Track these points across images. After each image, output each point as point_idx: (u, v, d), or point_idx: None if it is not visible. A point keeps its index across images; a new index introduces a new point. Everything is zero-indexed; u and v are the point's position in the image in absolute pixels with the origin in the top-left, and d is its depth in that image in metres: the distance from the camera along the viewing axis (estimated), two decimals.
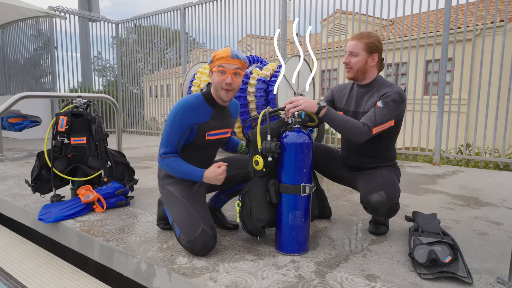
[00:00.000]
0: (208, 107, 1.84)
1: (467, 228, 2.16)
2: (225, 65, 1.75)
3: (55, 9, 7.49)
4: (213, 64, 1.78)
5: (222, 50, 1.77)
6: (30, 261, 2.12)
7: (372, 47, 1.91)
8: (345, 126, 1.79)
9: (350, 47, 1.95)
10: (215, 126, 1.87)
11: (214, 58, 1.77)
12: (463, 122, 10.65)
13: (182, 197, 1.79)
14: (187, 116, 1.76)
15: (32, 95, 2.66)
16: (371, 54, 1.92)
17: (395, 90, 1.88)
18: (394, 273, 1.55)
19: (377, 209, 1.80)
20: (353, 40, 1.94)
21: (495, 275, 1.54)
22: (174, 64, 8.18)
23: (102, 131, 2.61)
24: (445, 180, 3.60)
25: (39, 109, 7.42)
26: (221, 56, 1.75)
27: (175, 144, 1.78)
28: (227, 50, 1.76)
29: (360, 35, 1.93)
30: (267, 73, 4.42)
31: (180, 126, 1.75)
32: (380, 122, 1.82)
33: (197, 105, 1.79)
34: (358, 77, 1.97)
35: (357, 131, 1.79)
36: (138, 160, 4.66)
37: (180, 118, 1.74)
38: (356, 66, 1.93)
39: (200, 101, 1.82)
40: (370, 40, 1.91)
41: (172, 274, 1.54)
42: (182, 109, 1.75)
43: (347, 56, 1.96)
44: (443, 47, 4.59)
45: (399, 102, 1.86)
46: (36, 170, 2.47)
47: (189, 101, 1.78)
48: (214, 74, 1.78)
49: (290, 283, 1.45)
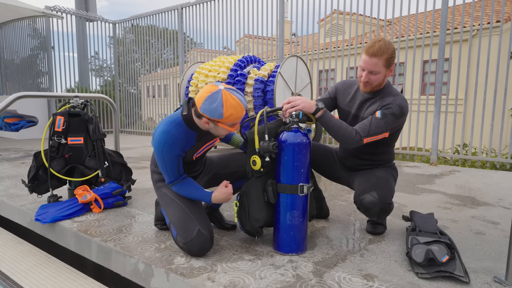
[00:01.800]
0: (191, 132, 1.70)
1: (464, 227, 2.17)
2: (235, 122, 1.62)
3: (52, 8, 7.46)
4: (224, 121, 1.58)
5: (233, 107, 1.55)
6: (27, 261, 2.11)
7: (391, 60, 1.81)
8: (337, 131, 1.78)
9: (370, 66, 1.79)
10: (200, 145, 1.78)
11: (227, 117, 1.56)
12: (460, 122, 10.70)
13: (177, 198, 1.78)
14: (173, 150, 1.65)
15: (29, 95, 2.64)
16: (389, 67, 1.84)
17: (398, 103, 1.82)
18: (391, 272, 1.56)
19: (369, 209, 1.81)
20: (373, 58, 1.78)
21: (492, 274, 1.54)
22: (172, 64, 8.17)
23: (99, 131, 2.60)
24: (442, 180, 3.61)
25: (36, 109, 7.39)
26: (238, 116, 1.59)
27: (176, 171, 1.71)
28: (242, 108, 1.58)
29: (380, 51, 1.76)
30: (264, 73, 4.43)
31: (171, 159, 1.66)
32: (374, 133, 1.80)
33: (179, 136, 1.66)
34: (374, 90, 1.91)
35: (348, 139, 1.78)
36: (135, 160, 4.65)
37: (168, 154, 1.64)
38: (376, 82, 1.85)
39: (182, 129, 1.67)
40: (389, 54, 1.79)
41: (170, 274, 1.54)
42: (166, 146, 1.62)
43: (366, 75, 1.83)
44: (440, 47, 4.61)
45: (398, 116, 1.81)
46: (33, 170, 2.46)
47: (171, 134, 1.63)
48: (222, 128, 1.62)
49: (288, 283, 1.45)
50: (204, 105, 1.55)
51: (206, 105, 1.55)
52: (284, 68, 4.35)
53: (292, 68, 4.52)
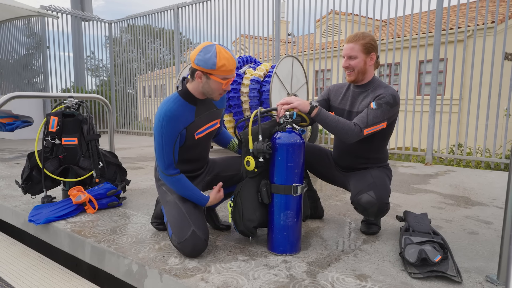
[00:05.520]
0: (190, 105, 1.74)
1: (458, 227, 2.18)
2: (230, 76, 1.67)
3: (47, 8, 7.42)
4: (216, 72, 1.63)
5: (226, 59, 1.61)
6: (20, 262, 2.10)
7: (369, 47, 1.92)
8: (336, 126, 1.80)
9: (347, 50, 1.93)
10: (201, 123, 1.80)
11: (219, 68, 1.61)
12: (455, 122, 10.76)
13: (176, 197, 1.79)
14: (172, 124, 1.67)
15: (23, 95, 2.63)
16: (368, 54, 1.93)
17: (390, 92, 1.89)
18: (384, 272, 1.56)
19: (367, 209, 1.82)
20: (349, 43, 1.93)
21: (484, 274, 1.55)
22: (168, 64, 8.15)
23: (94, 131, 2.59)
24: (437, 180, 3.63)
25: (31, 109, 7.35)
26: (230, 69, 1.64)
27: (172, 157, 1.71)
28: (234, 62, 1.65)
29: (355, 37, 1.92)
30: (260, 73, 4.43)
31: (169, 137, 1.68)
32: (372, 124, 1.83)
33: (178, 109, 1.69)
34: (358, 79, 1.98)
35: (348, 131, 1.80)
36: (131, 161, 4.64)
37: (166, 129, 1.67)
38: (356, 68, 1.94)
39: (180, 102, 1.72)
40: (366, 41, 1.92)
41: (163, 275, 1.54)
42: (166, 119, 1.66)
43: (346, 60, 1.96)
44: (435, 48, 4.63)
45: (392, 104, 1.87)
46: (27, 171, 2.45)
47: (169, 107, 1.67)
48: (214, 82, 1.67)
49: (281, 283, 1.46)
50: (199, 56, 1.61)
51: (200, 55, 1.61)
52: (279, 68, 4.36)
53: (288, 68, 4.53)
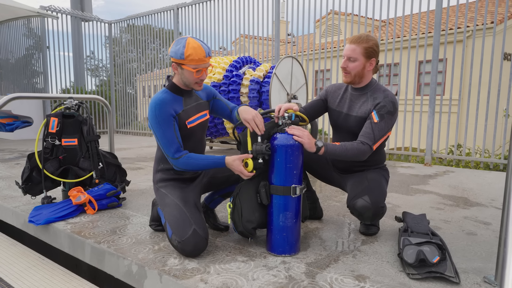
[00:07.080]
0: (177, 96, 1.85)
1: (456, 228, 2.19)
2: (201, 65, 1.76)
3: (47, 8, 7.42)
4: (185, 62, 1.74)
5: (193, 48, 1.71)
6: (20, 263, 2.11)
7: (370, 51, 1.87)
8: (346, 155, 1.80)
9: (348, 51, 1.88)
10: (190, 112, 1.88)
11: (187, 57, 1.72)
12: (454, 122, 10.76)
13: (176, 198, 1.80)
14: (165, 109, 1.77)
15: (23, 96, 2.64)
16: (369, 58, 1.89)
17: (389, 99, 1.88)
18: (383, 273, 1.57)
19: (362, 213, 1.83)
20: (352, 44, 1.87)
21: (482, 275, 1.56)
22: (168, 64, 8.15)
23: (94, 132, 2.60)
24: (436, 181, 3.64)
25: (31, 109, 7.35)
26: (198, 58, 1.72)
27: (176, 140, 1.77)
28: (202, 51, 1.73)
29: (359, 39, 1.86)
30: (260, 74, 4.43)
31: (166, 121, 1.76)
32: (379, 137, 1.85)
33: (166, 98, 1.80)
34: (355, 82, 1.95)
35: (358, 154, 1.81)
36: (130, 161, 4.64)
37: (160, 114, 1.75)
38: (354, 71, 1.90)
39: (168, 94, 1.83)
40: (368, 45, 1.86)
41: (163, 276, 1.55)
42: (158, 105, 1.76)
43: (345, 61, 1.91)
44: (434, 48, 4.63)
45: (393, 112, 1.87)
46: (27, 172, 2.46)
47: (159, 96, 1.80)
48: (187, 71, 1.77)
49: (280, 284, 1.46)
50: (172, 48, 1.76)
51: (173, 47, 1.76)
52: (279, 69, 4.36)
53: (288, 69, 4.53)
